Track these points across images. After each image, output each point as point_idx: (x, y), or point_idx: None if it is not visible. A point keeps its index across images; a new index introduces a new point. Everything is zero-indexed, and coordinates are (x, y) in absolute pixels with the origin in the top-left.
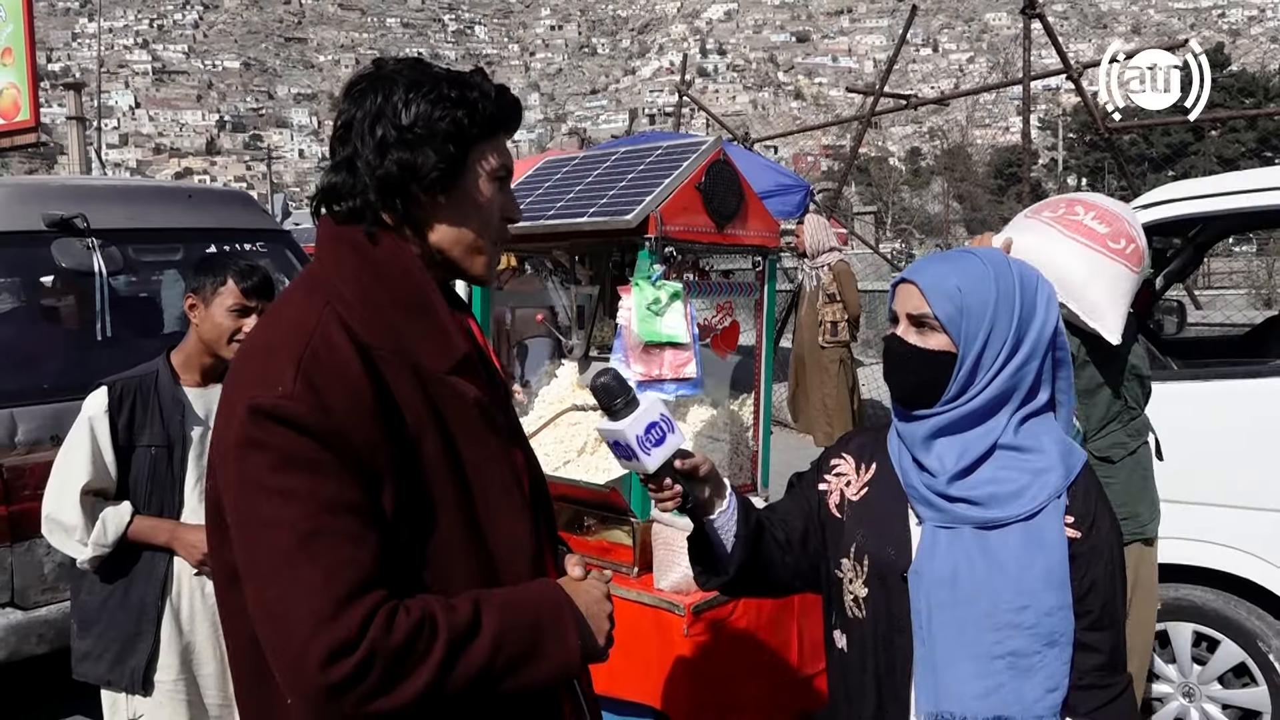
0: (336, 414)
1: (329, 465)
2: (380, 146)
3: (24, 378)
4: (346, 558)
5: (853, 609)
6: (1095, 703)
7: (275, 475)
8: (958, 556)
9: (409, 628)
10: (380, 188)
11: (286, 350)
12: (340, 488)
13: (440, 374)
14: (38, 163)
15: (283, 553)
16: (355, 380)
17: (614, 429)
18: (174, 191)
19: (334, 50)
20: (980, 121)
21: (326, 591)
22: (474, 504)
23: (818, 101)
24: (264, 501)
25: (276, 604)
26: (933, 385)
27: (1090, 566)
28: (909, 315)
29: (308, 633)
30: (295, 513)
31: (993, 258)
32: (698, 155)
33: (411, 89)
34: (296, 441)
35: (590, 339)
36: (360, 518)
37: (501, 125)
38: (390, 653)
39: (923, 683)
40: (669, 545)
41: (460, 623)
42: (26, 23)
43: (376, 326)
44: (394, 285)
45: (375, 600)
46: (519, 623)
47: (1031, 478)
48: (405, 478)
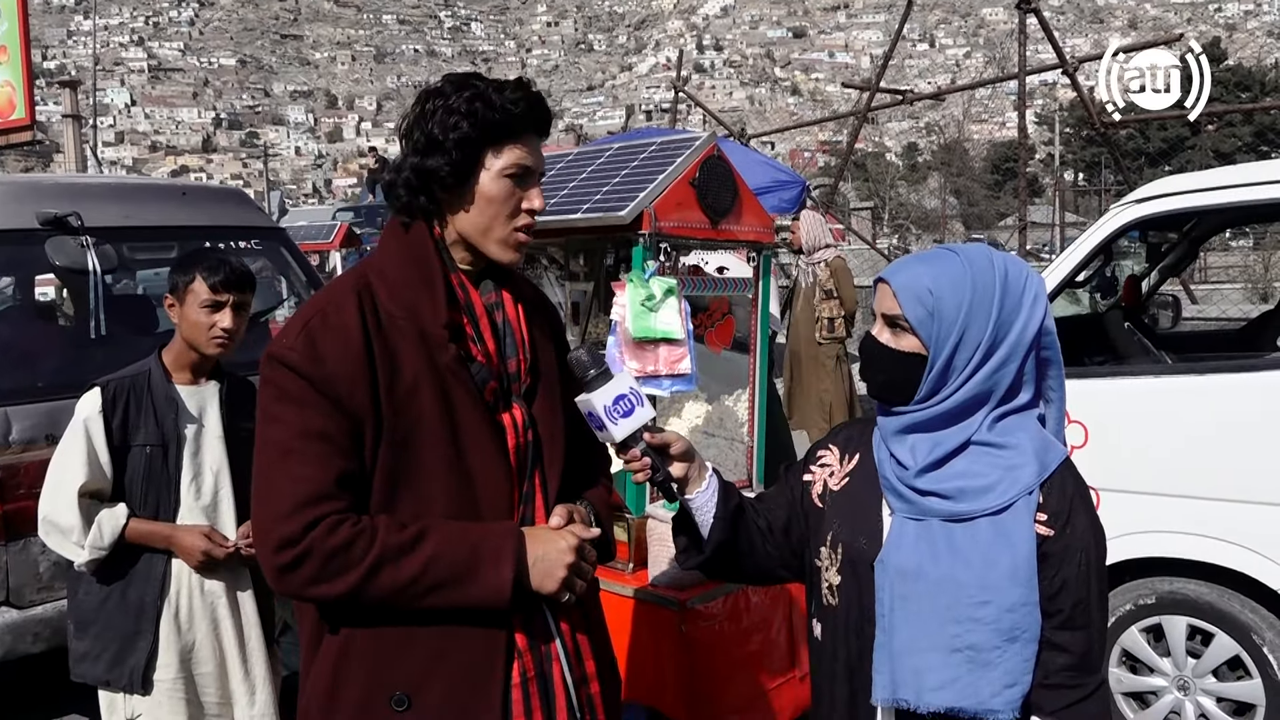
0: (327, 363)
1: (312, 401)
2: (410, 152)
3: (19, 376)
4: (310, 474)
5: (828, 597)
6: (1062, 702)
7: (274, 405)
8: (923, 548)
9: (347, 535)
10: (407, 186)
11: (305, 315)
12: (320, 420)
13: (440, 339)
14: (33, 161)
15: (268, 464)
16: (351, 339)
17: (586, 399)
18: (169, 189)
19: (330, 47)
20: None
21: (287, 496)
22: (461, 452)
23: (814, 97)
24: (265, 425)
25: (256, 501)
26: (904, 385)
27: (1062, 565)
28: (884, 315)
29: (268, 525)
30: (281, 434)
31: (974, 257)
32: (692, 151)
33: (438, 99)
34: (291, 380)
35: (585, 335)
36: (330, 445)
37: (512, 130)
38: (325, 552)
39: (880, 670)
40: (664, 541)
41: (398, 540)
42: (21, 20)
43: (399, 295)
44: (414, 264)
45: (326, 510)
46: (456, 549)
47: (1003, 473)
48: (395, 423)
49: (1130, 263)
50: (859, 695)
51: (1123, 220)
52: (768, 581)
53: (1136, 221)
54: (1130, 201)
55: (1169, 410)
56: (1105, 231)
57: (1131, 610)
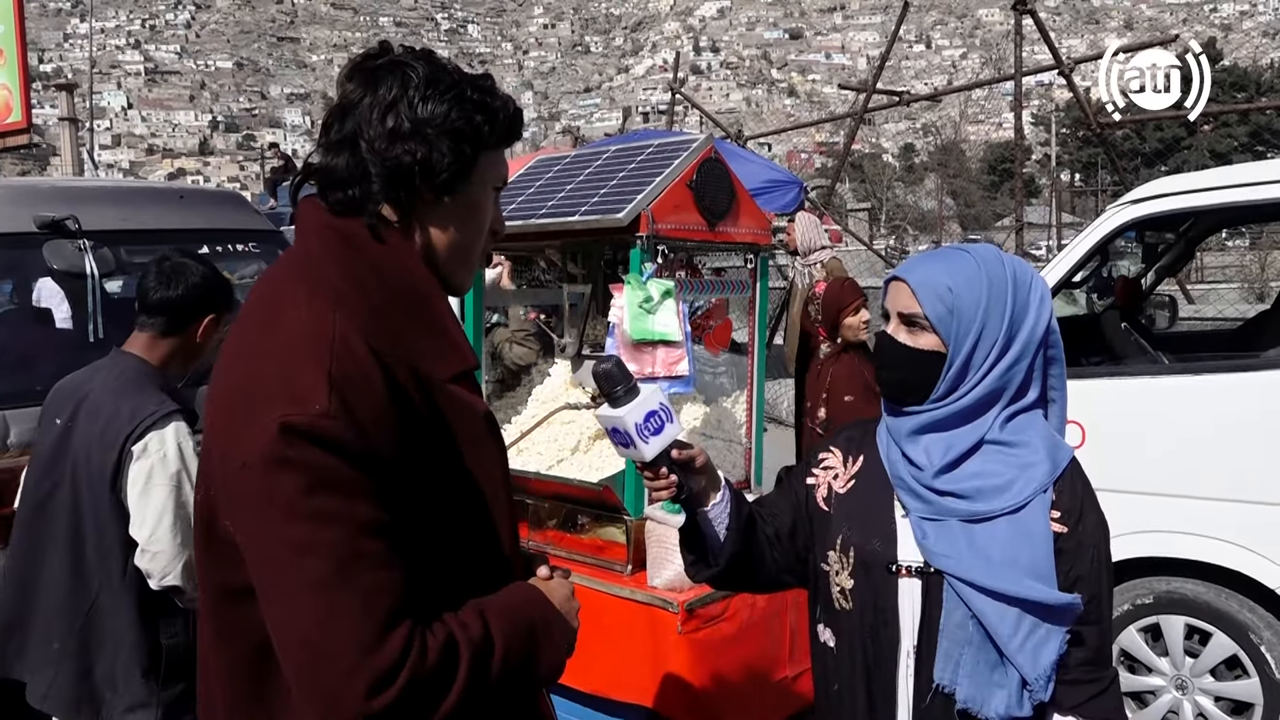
0: (369, 433)
1: (363, 487)
2: (392, 135)
3: (17, 379)
4: (384, 584)
5: (839, 600)
6: (1082, 697)
7: (308, 498)
8: (944, 549)
9: (439, 650)
10: (388, 177)
11: (313, 362)
12: (373, 510)
13: (441, 380)
14: (30, 164)
15: (317, 579)
16: (379, 394)
17: (613, 415)
18: (166, 192)
19: (327, 50)
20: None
21: (367, 619)
22: (476, 509)
23: (811, 98)
24: (295, 525)
25: (312, 633)
26: (922, 384)
27: (1076, 560)
28: (900, 314)
29: (350, 663)
30: (331, 537)
31: (986, 256)
32: (689, 153)
33: (432, 84)
34: (332, 462)
35: (583, 337)
36: (391, 540)
37: (510, 137)
38: (428, 678)
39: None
40: (662, 543)
41: (476, 638)
42: (18, 23)
43: (379, 329)
44: (394, 285)
45: (410, 626)
46: (518, 630)
47: (1018, 472)
48: (421, 490)
49: (1127, 263)
50: (878, 698)
51: (1120, 221)
52: (772, 589)
53: (1133, 222)
54: (1127, 202)
55: (1166, 410)
56: (1102, 232)
57: (1129, 610)
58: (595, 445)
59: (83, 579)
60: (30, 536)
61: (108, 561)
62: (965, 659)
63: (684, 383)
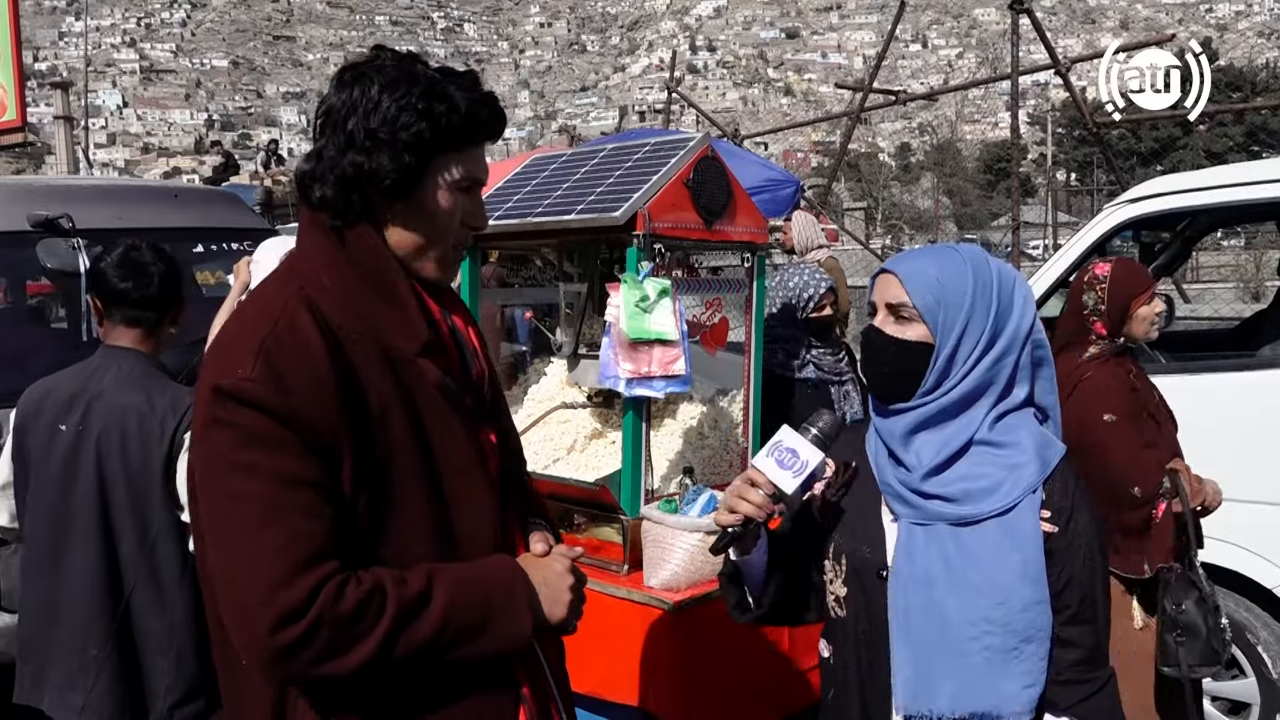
0: (296, 395)
1: (288, 443)
2: (345, 144)
3: (9, 378)
4: (302, 530)
5: (834, 609)
6: (1075, 697)
7: (238, 451)
8: (933, 553)
9: (358, 598)
10: (337, 184)
11: (251, 335)
12: (299, 464)
13: (408, 356)
14: (25, 163)
15: (243, 523)
16: (318, 363)
17: (814, 452)
18: (160, 191)
19: (322, 48)
20: (969, 117)
21: (280, 560)
22: (438, 481)
23: (807, 98)
24: (228, 476)
25: (234, 571)
26: (910, 377)
27: (1068, 561)
28: (888, 305)
29: (260, 598)
30: (256, 487)
31: (973, 253)
32: (685, 152)
33: (385, 90)
34: (257, 420)
35: (579, 336)
36: (317, 493)
37: (470, 138)
38: (337, 621)
39: (899, 678)
40: (658, 543)
41: (410, 595)
42: (12, 22)
43: (349, 309)
44: (364, 270)
45: (327, 571)
46: (470, 598)
47: (1006, 473)
48: (366, 455)
49: None
50: (870, 707)
51: (1116, 220)
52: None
53: (1130, 221)
54: (1124, 201)
55: None
56: (1099, 231)
57: None
58: (591, 445)
59: (115, 578)
60: (45, 550)
61: (155, 555)
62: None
63: (680, 382)
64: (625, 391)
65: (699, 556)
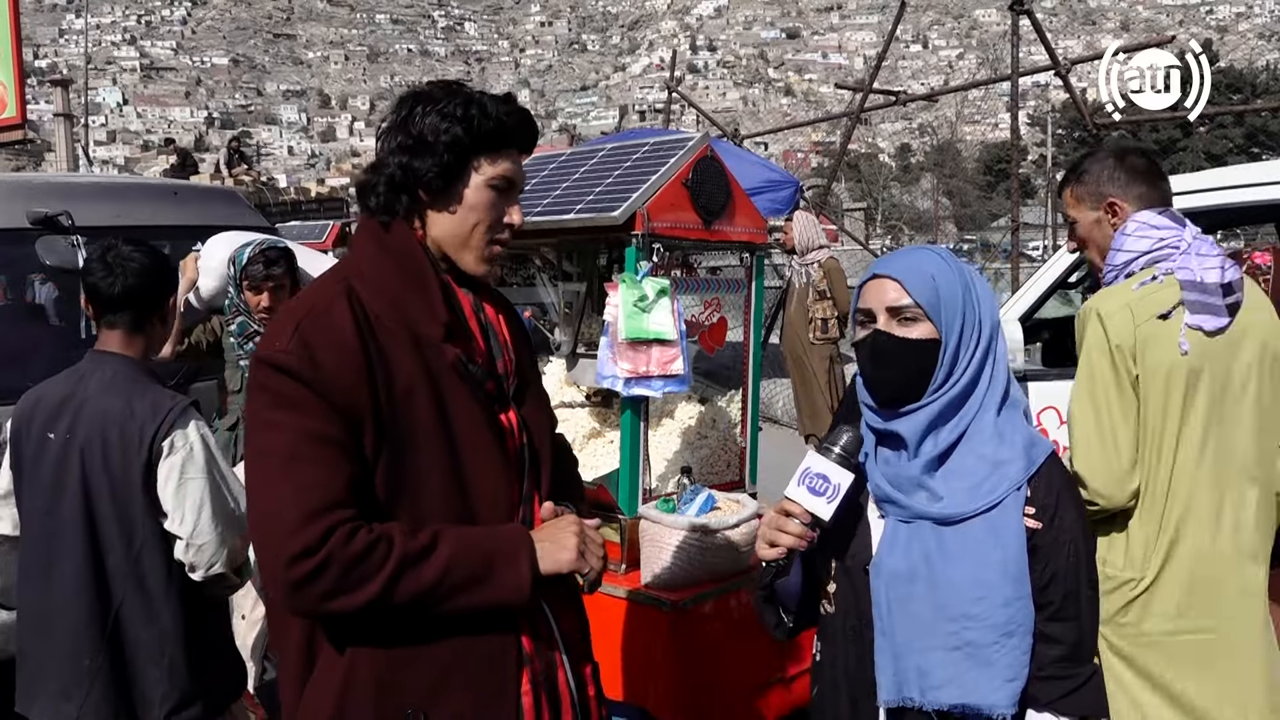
0: (324, 368)
1: (311, 405)
2: (395, 151)
3: (9, 375)
4: (319, 480)
5: (824, 605)
6: (1057, 693)
7: (269, 411)
8: (915, 550)
9: (366, 542)
10: (388, 185)
11: (293, 317)
12: (321, 424)
13: (434, 340)
14: (25, 160)
15: (269, 473)
16: (347, 341)
17: (844, 474)
18: (160, 188)
19: (323, 46)
20: (969, 118)
21: (299, 504)
22: (458, 457)
23: (808, 98)
24: (260, 433)
25: (261, 512)
26: (919, 377)
27: (1052, 557)
28: (889, 309)
29: (281, 538)
30: (281, 440)
31: (944, 252)
32: (685, 151)
33: (429, 103)
34: (287, 385)
35: (578, 336)
36: (336, 450)
37: (504, 143)
38: (345, 561)
39: (884, 671)
40: (656, 542)
41: (415, 546)
42: (13, 19)
43: (384, 297)
44: (399, 264)
45: (340, 517)
46: (472, 552)
47: (990, 469)
48: (389, 427)
49: None
50: (860, 702)
51: None
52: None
53: None
54: None
55: None
56: None
57: None
58: (589, 444)
59: (104, 588)
60: (37, 559)
61: (141, 564)
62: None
63: (678, 381)
64: (623, 391)
65: (696, 556)
